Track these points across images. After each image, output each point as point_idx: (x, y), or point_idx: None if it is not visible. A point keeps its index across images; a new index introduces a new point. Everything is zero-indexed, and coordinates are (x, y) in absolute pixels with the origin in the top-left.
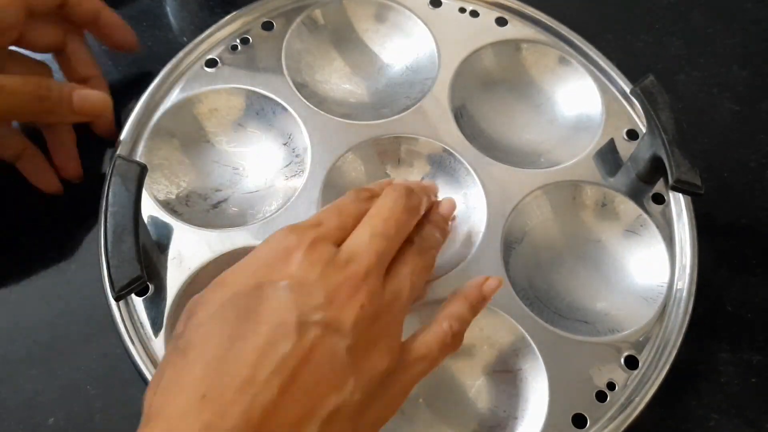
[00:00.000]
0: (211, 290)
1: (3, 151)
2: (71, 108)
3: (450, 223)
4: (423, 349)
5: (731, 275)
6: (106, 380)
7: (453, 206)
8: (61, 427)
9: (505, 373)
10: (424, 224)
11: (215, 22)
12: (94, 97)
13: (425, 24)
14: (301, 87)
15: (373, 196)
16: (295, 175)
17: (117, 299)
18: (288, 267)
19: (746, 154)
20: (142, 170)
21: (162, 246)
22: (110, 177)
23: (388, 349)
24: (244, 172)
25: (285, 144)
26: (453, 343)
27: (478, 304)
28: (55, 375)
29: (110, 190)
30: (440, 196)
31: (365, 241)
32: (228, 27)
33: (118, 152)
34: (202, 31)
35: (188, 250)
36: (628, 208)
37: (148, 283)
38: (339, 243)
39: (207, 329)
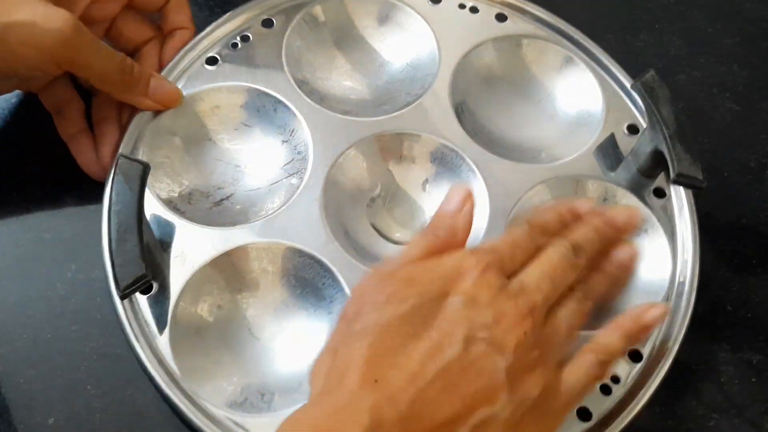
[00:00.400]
0: (398, 284)
1: (48, 98)
2: (146, 90)
3: (629, 268)
4: (571, 381)
5: (731, 275)
6: (106, 380)
7: (633, 253)
8: (61, 427)
9: None
10: (593, 274)
11: (215, 21)
12: (168, 87)
13: (425, 20)
14: (302, 84)
15: (545, 231)
16: (296, 173)
17: (122, 298)
18: (465, 284)
19: (746, 154)
20: (145, 169)
21: (165, 244)
22: (113, 176)
23: (542, 378)
24: (245, 170)
25: (286, 141)
26: (599, 374)
27: (635, 337)
28: (55, 375)
29: (113, 189)
30: (441, 193)
31: (535, 280)
32: (228, 24)
33: (120, 151)
34: (201, 29)
35: (191, 248)
36: (629, 202)
37: (152, 281)
38: (508, 273)
39: (387, 321)
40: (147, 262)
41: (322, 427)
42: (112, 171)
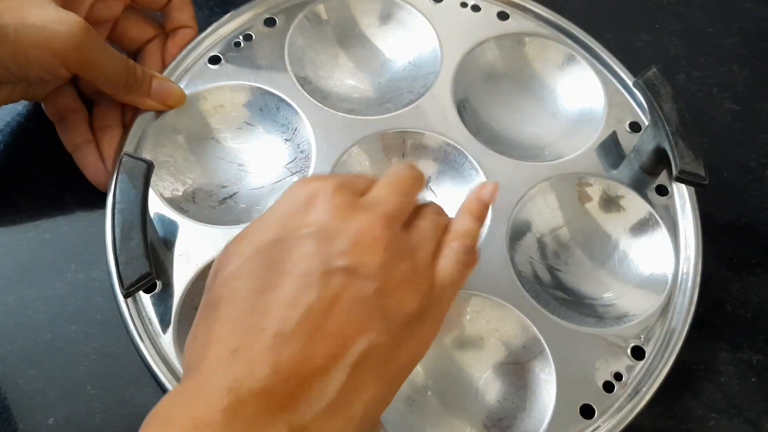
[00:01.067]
0: (236, 243)
1: (52, 107)
2: (148, 91)
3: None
4: (445, 276)
5: (731, 275)
6: (106, 380)
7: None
8: (61, 427)
9: (513, 365)
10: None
11: (215, 21)
12: (171, 87)
13: (427, 19)
14: (305, 82)
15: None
16: (300, 171)
17: (126, 296)
18: (310, 214)
19: (746, 154)
20: (149, 167)
21: (169, 243)
22: (117, 174)
23: (416, 290)
24: (249, 169)
25: (289, 140)
26: (470, 260)
27: (481, 214)
28: (55, 375)
29: (117, 187)
30: (444, 191)
31: (384, 193)
32: (230, 24)
33: (124, 150)
34: (202, 28)
35: (195, 246)
36: (631, 199)
37: (156, 280)
38: (358, 196)
39: (233, 284)
40: (151, 261)
41: (181, 421)
42: (116, 170)
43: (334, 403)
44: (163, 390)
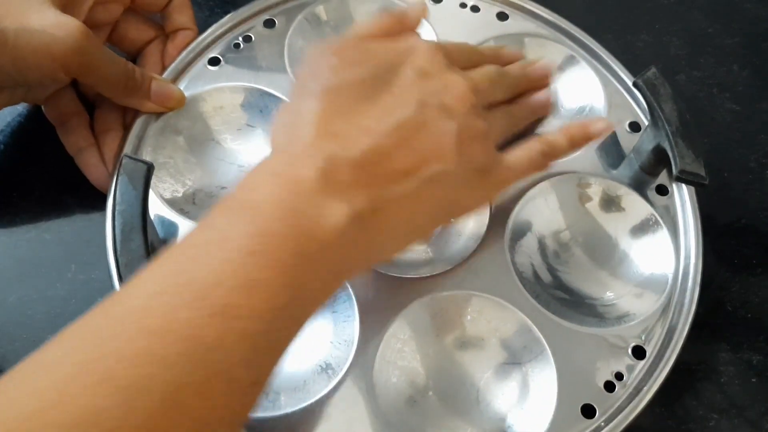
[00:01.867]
0: (353, 49)
1: (52, 110)
2: (148, 93)
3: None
4: (513, 160)
5: (731, 275)
6: None
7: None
8: None
9: (514, 365)
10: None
11: (215, 21)
12: (170, 89)
13: (427, 20)
14: None
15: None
16: None
17: None
18: (416, 58)
19: (746, 154)
20: (149, 169)
21: (169, 244)
22: (117, 176)
23: (486, 150)
24: (248, 170)
25: None
26: (540, 163)
27: (578, 141)
28: None
29: (117, 189)
30: None
31: (477, 75)
32: (230, 25)
33: (124, 152)
34: (201, 29)
35: None
36: (631, 199)
37: None
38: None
39: (344, 81)
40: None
41: (279, 173)
42: (116, 171)
43: (404, 200)
44: None
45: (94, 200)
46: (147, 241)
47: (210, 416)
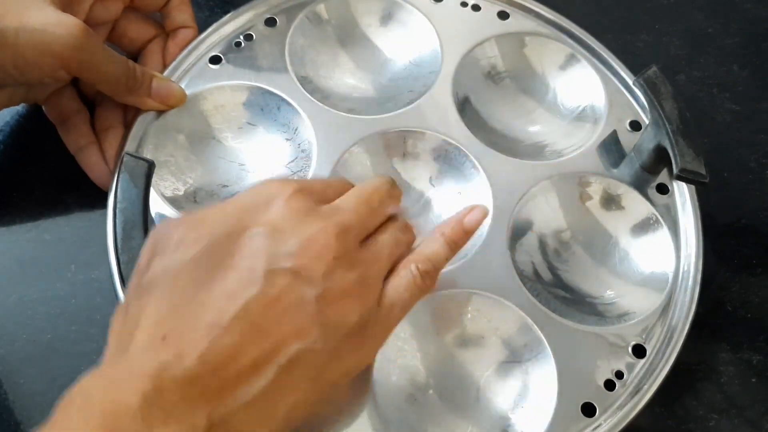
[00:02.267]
0: (185, 228)
1: (53, 109)
2: (148, 91)
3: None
4: (394, 296)
5: (731, 275)
6: None
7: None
8: None
9: (514, 364)
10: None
11: (215, 21)
12: (171, 86)
13: (428, 18)
14: (305, 82)
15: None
16: (300, 170)
17: None
18: (265, 214)
19: (746, 154)
20: (150, 167)
21: None
22: (118, 174)
23: (360, 304)
24: (250, 168)
25: (290, 139)
26: (423, 285)
27: (458, 241)
28: (55, 375)
29: (119, 186)
30: (445, 190)
31: (348, 204)
32: (231, 24)
33: (125, 150)
34: (201, 29)
35: None
36: (632, 198)
37: None
38: (319, 203)
39: (176, 269)
40: None
41: (98, 401)
42: (117, 169)
43: (257, 400)
44: None
45: (95, 200)
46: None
47: None
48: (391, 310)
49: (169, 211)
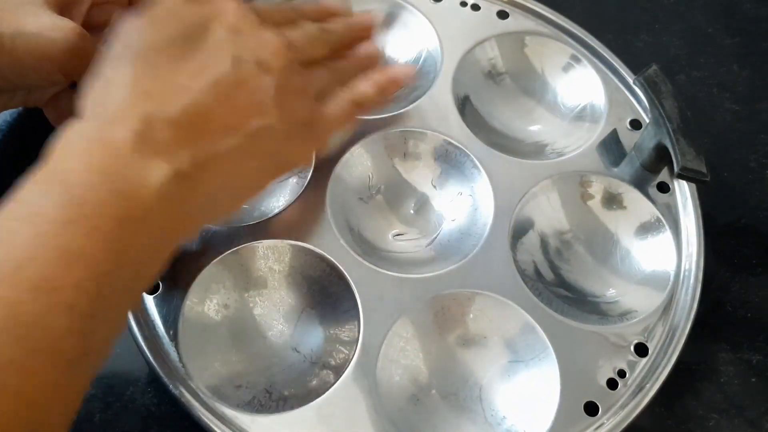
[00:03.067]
0: (160, 10)
1: (53, 112)
2: None
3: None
4: (329, 112)
5: (731, 275)
6: (106, 380)
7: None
8: None
9: (517, 363)
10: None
11: None
12: None
13: (427, 18)
14: None
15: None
16: (301, 171)
17: None
18: (226, 16)
19: (746, 154)
20: None
21: None
22: None
23: (306, 104)
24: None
25: None
26: (353, 112)
27: (385, 87)
28: None
29: None
30: (447, 191)
31: (294, 30)
32: None
33: None
34: None
35: (198, 247)
36: (633, 197)
37: (159, 281)
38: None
39: (154, 43)
40: None
41: (92, 137)
42: None
43: (230, 154)
44: (165, 391)
45: None
46: None
47: (37, 395)
48: (327, 121)
49: None
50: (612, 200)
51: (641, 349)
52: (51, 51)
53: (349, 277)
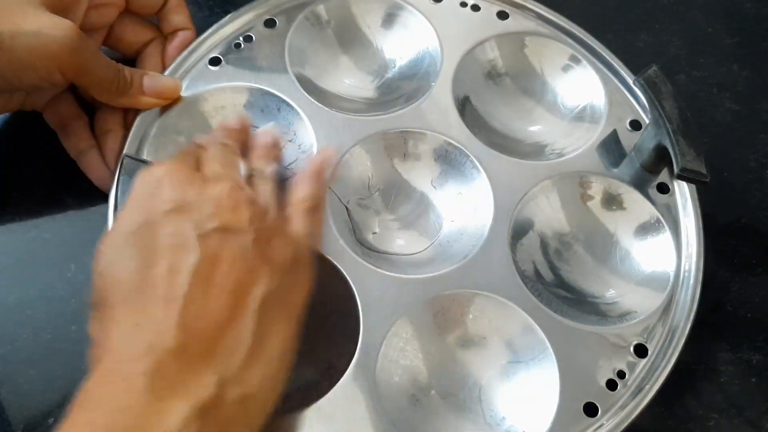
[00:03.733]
0: (104, 241)
1: (52, 115)
2: (140, 89)
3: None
4: (299, 229)
5: (731, 275)
6: None
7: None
8: None
9: (516, 364)
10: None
11: (215, 21)
12: (163, 80)
13: (427, 19)
14: (305, 83)
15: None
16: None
17: None
18: (164, 193)
19: (746, 154)
20: None
21: None
22: (119, 176)
23: (287, 241)
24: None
25: (291, 140)
26: (315, 217)
27: (318, 178)
28: (55, 375)
29: (119, 189)
30: (447, 191)
31: (216, 165)
32: (230, 25)
33: (125, 152)
34: (201, 28)
35: None
36: (633, 197)
37: None
38: (195, 169)
39: (113, 273)
40: None
41: (104, 396)
42: (117, 172)
43: (252, 348)
44: None
45: (94, 200)
46: None
47: None
48: (305, 239)
49: None
50: (612, 201)
51: (641, 350)
52: (50, 50)
53: (348, 278)
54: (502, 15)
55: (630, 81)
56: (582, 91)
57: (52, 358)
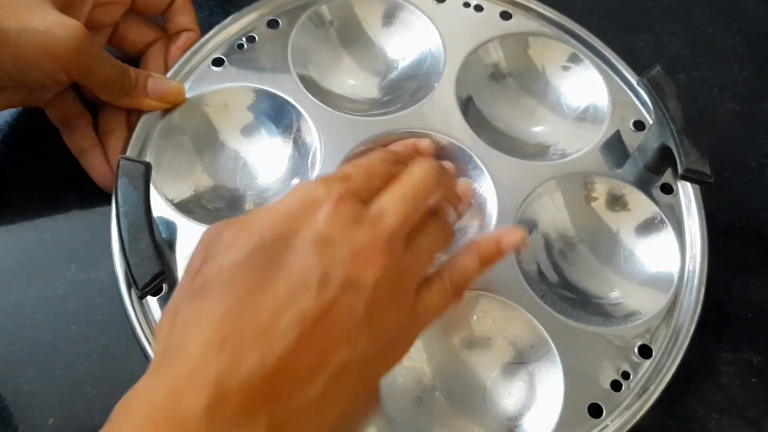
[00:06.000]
0: (236, 231)
1: (55, 112)
2: (145, 91)
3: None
4: (427, 304)
5: (731, 275)
6: (106, 380)
7: (470, 188)
8: (61, 427)
9: (520, 365)
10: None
11: (216, 21)
12: (167, 83)
13: (430, 19)
14: (308, 83)
15: (399, 161)
16: (305, 171)
17: (141, 297)
18: (315, 220)
19: (746, 154)
20: (147, 168)
21: (174, 245)
22: (117, 178)
23: (401, 310)
24: (254, 170)
25: (294, 141)
26: (454, 297)
27: (491, 259)
28: (55, 375)
29: (119, 191)
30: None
31: (395, 203)
32: (233, 26)
33: (127, 153)
34: (201, 28)
35: None
36: (636, 198)
37: (163, 283)
38: (365, 201)
39: (230, 273)
40: (162, 259)
41: (159, 408)
42: (117, 174)
43: (310, 407)
44: None
45: (94, 200)
46: (155, 239)
47: None
48: (424, 317)
49: (174, 214)
50: (615, 201)
51: (645, 351)
52: (56, 48)
53: None
54: (505, 15)
55: (633, 81)
56: (585, 91)
57: (52, 358)
